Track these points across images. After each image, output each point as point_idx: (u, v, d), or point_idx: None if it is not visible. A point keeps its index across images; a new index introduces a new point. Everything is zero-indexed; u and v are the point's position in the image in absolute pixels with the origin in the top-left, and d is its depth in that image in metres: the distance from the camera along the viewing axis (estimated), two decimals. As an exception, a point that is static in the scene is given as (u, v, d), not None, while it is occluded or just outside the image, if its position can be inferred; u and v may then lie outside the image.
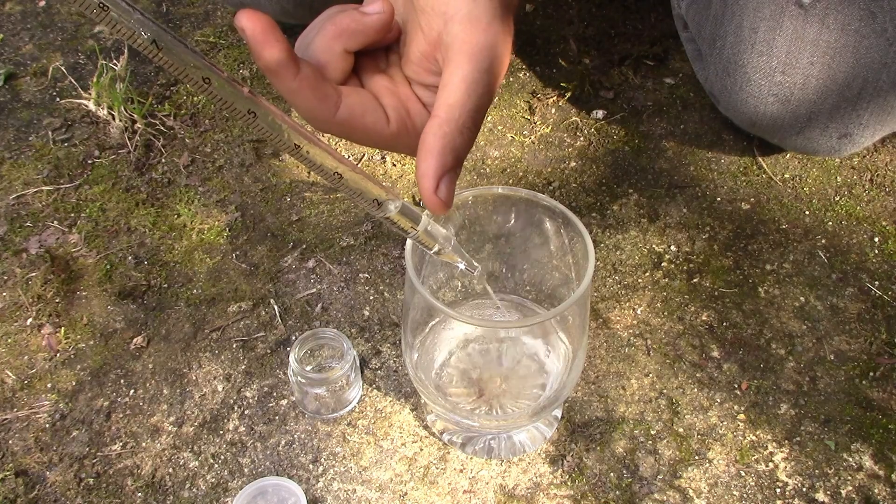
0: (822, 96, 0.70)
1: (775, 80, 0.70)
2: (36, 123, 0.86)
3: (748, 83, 0.71)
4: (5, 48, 0.95)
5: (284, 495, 0.59)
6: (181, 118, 0.86)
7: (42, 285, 0.72)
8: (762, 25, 0.69)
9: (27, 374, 0.67)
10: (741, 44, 0.70)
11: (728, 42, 0.72)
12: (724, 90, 0.74)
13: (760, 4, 0.69)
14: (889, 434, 0.63)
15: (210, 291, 0.72)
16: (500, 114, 0.86)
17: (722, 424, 0.63)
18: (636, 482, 0.60)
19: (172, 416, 0.64)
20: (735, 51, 0.71)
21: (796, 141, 0.74)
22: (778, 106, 0.71)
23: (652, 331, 0.69)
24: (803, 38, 0.68)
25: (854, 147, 0.74)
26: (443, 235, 0.49)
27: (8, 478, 0.61)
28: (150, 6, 0.98)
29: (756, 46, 0.70)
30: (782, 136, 0.74)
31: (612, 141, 0.84)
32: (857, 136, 0.72)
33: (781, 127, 0.73)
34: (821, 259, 0.74)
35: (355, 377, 0.63)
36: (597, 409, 0.64)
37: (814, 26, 0.67)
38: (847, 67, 0.68)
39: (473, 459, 0.62)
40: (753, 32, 0.70)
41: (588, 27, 0.95)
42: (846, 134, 0.72)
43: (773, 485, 0.60)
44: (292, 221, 0.77)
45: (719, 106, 0.78)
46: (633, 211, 0.77)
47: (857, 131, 0.72)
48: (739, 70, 0.71)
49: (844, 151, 0.74)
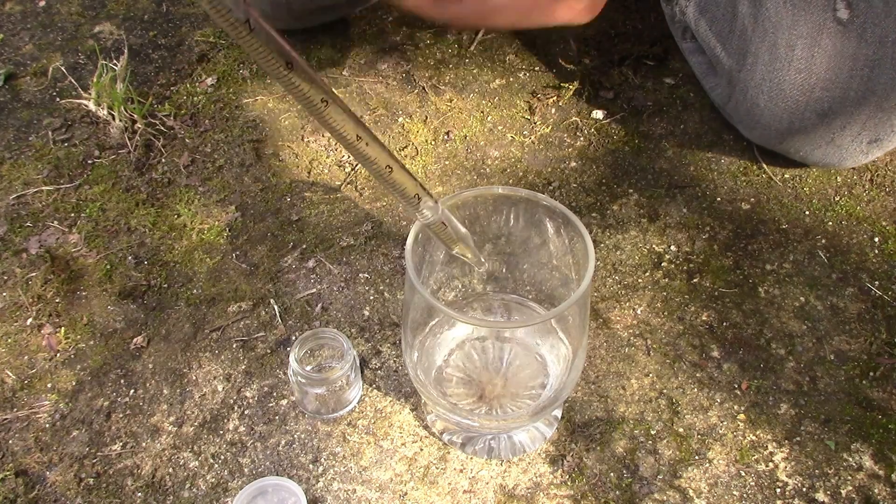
0: (859, 107, 0.70)
1: (814, 97, 0.70)
2: (36, 123, 0.86)
3: (785, 100, 0.71)
4: (5, 48, 0.95)
5: (284, 495, 0.59)
6: (181, 118, 0.86)
7: (42, 285, 0.72)
8: (799, 43, 0.69)
9: (27, 374, 0.67)
10: (777, 62, 0.70)
11: (762, 60, 0.71)
12: (754, 107, 0.74)
13: (796, 22, 0.68)
14: (889, 434, 0.63)
15: (210, 291, 0.72)
16: (500, 114, 0.86)
17: (722, 424, 0.63)
18: (636, 482, 0.60)
19: (172, 416, 0.64)
20: (771, 68, 0.71)
21: (826, 151, 0.74)
22: (815, 119, 0.71)
23: (652, 331, 0.69)
24: (843, 54, 0.68)
25: (881, 152, 0.74)
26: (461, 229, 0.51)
27: (8, 478, 0.61)
28: (150, 6, 0.98)
29: (794, 64, 0.69)
30: (811, 148, 0.74)
31: (612, 141, 0.84)
32: (887, 142, 0.73)
33: (814, 139, 0.73)
34: (821, 259, 0.74)
35: (355, 377, 0.63)
36: (597, 409, 0.64)
37: (853, 41, 0.67)
38: (886, 79, 0.68)
39: (473, 459, 0.62)
40: (790, 50, 0.69)
41: (588, 27, 0.95)
42: (876, 139, 0.72)
43: (773, 485, 0.60)
44: (292, 221, 0.77)
45: (739, 125, 0.78)
46: (633, 211, 0.77)
47: (888, 137, 0.72)
48: (776, 88, 0.71)
49: (871, 156, 0.75)
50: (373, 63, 0.91)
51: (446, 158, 0.82)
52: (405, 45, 0.93)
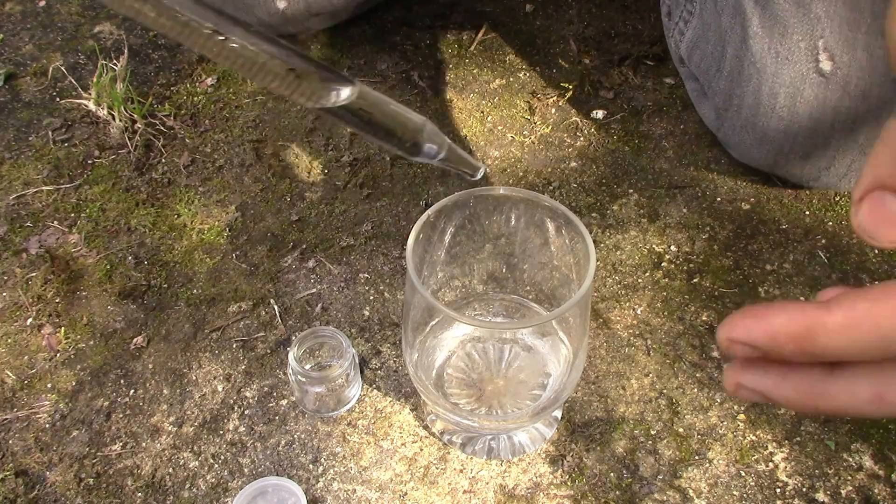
0: (843, 153, 0.71)
1: (798, 142, 0.71)
2: (36, 123, 0.86)
3: (770, 142, 0.72)
4: (5, 48, 0.94)
5: (284, 495, 0.59)
6: (181, 118, 0.86)
7: (42, 285, 0.72)
8: (782, 92, 0.69)
9: (27, 374, 0.67)
10: (760, 107, 0.71)
11: (746, 103, 0.72)
12: (741, 143, 0.75)
13: (779, 70, 0.69)
14: (889, 434, 0.63)
15: (210, 291, 0.72)
16: (500, 114, 0.86)
17: (722, 424, 0.63)
18: (636, 482, 0.61)
19: (172, 416, 0.64)
20: (754, 113, 0.72)
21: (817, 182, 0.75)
22: (800, 161, 0.73)
23: (652, 331, 0.69)
24: (825, 106, 0.68)
25: None
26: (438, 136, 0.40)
27: (8, 478, 0.61)
28: (150, 6, 0.98)
29: (777, 111, 0.70)
30: (802, 179, 0.76)
31: (612, 141, 0.84)
32: None
33: (801, 175, 0.75)
34: (821, 259, 0.74)
35: (355, 375, 0.63)
36: (597, 409, 0.64)
37: (835, 93, 0.67)
38: (868, 129, 0.69)
39: (473, 459, 0.62)
40: (773, 98, 0.70)
41: (588, 27, 0.95)
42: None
43: (773, 485, 0.60)
44: (292, 221, 0.77)
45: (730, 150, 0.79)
46: (633, 211, 0.77)
47: None
48: (759, 132, 0.72)
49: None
50: (373, 63, 0.91)
51: (446, 158, 0.82)
52: (405, 45, 0.93)
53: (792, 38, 0.67)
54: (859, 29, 0.65)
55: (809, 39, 0.66)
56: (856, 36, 0.65)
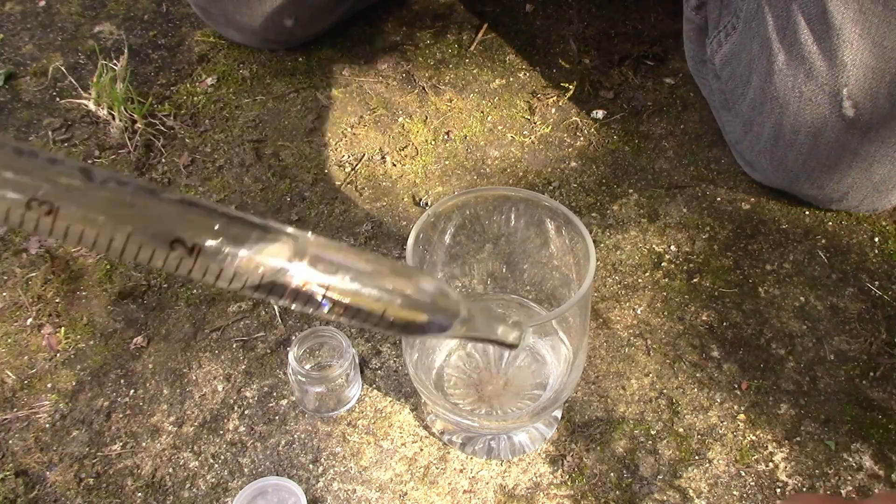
0: (857, 189, 0.72)
1: (814, 176, 0.72)
2: (36, 123, 0.86)
3: (787, 171, 0.74)
4: (5, 48, 0.94)
5: (284, 495, 0.59)
6: (181, 118, 0.86)
7: (42, 285, 0.72)
8: (803, 129, 0.70)
9: (27, 374, 0.67)
10: (780, 139, 0.72)
11: (766, 132, 0.73)
12: (758, 163, 0.76)
13: (802, 110, 0.69)
14: (889, 434, 0.63)
15: (210, 291, 0.72)
16: (500, 114, 0.86)
17: (722, 424, 0.63)
18: (636, 482, 0.61)
19: (172, 416, 0.64)
20: (774, 145, 0.73)
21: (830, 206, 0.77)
22: (815, 191, 0.74)
23: (652, 331, 0.69)
24: (845, 148, 0.69)
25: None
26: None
27: (8, 478, 0.61)
28: (150, 6, 0.98)
29: (796, 147, 0.71)
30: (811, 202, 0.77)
31: (612, 141, 0.84)
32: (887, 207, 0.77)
33: (812, 199, 0.76)
34: (821, 259, 0.74)
35: (355, 375, 0.63)
36: (597, 409, 0.64)
37: (856, 137, 0.68)
38: (884, 172, 0.70)
39: (473, 459, 0.62)
40: (794, 134, 0.70)
41: (588, 27, 0.95)
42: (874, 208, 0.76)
43: (773, 485, 0.60)
44: (292, 221, 0.77)
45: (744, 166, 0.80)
46: (633, 211, 0.77)
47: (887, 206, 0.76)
48: (777, 158, 0.73)
49: None
50: (373, 63, 0.91)
51: (446, 158, 0.82)
52: (405, 45, 0.93)
53: (817, 80, 0.67)
54: (883, 79, 0.65)
55: (834, 85, 0.66)
56: (880, 85, 0.65)
